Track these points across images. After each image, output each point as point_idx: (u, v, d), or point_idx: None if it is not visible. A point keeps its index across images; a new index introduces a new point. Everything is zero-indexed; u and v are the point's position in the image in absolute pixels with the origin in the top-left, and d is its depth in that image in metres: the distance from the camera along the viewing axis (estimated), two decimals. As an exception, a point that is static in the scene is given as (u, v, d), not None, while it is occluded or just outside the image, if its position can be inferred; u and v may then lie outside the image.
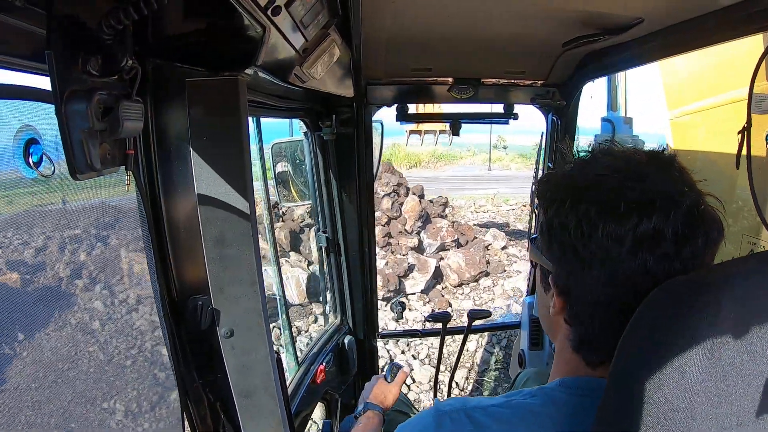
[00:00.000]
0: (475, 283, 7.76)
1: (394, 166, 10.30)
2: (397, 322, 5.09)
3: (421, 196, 9.34)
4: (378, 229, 7.84)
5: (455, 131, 2.35)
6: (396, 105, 2.26)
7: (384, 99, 2.24)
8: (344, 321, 2.56)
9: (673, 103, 3.18)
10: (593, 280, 0.71)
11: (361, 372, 2.56)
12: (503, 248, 9.00)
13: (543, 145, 2.48)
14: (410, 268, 7.64)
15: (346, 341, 2.48)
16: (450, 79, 2.16)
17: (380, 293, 6.62)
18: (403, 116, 2.29)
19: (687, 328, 0.56)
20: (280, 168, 2.44)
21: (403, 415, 1.90)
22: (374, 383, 1.74)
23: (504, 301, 7.14)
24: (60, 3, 0.64)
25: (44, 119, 0.69)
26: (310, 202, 2.49)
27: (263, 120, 2.03)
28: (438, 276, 7.78)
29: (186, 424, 1.17)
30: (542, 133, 2.43)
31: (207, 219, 1.02)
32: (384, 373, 1.79)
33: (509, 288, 7.54)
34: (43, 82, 0.66)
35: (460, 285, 7.70)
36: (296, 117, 2.14)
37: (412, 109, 2.34)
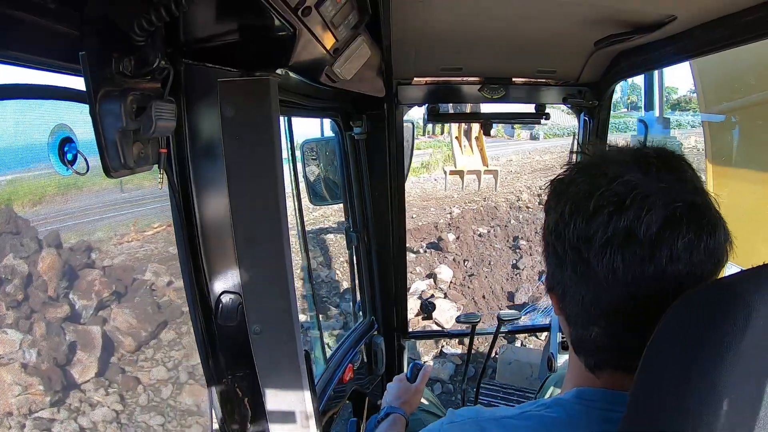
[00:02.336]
0: (156, 341, 6.12)
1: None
2: (425, 319, 5.06)
3: (59, 246, 6.66)
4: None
5: (486, 131, 2.33)
6: (426, 105, 2.25)
7: (415, 99, 2.22)
8: (373, 320, 2.56)
9: (708, 102, 3.05)
10: (570, 280, 0.71)
11: (390, 372, 2.56)
12: (169, 284, 6.93)
13: (574, 147, 2.42)
14: (71, 346, 5.63)
15: (375, 341, 2.48)
16: (481, 79, 2.14)
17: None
18: (433, 116, 2.28)
19: (718, 336, 0.53)
20: (310, 167, 2.46)
21: (431, 415, 1.87)
22: (396, 384, 1.68)
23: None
24: (93, 6, 0.66)
25: (79, 118, 0.71)
26: (341, 201, 2.50)
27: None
28: (109, 346, 5.83)
29: (214, 418, 1.19)
30: (574, 134, 2.39)
31: (238, 217, 1.04)
32: (406, 373, 1.72)
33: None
34: (78, 83, 0.68)
35: (138, 349, 5.94)
36: (327, 117, 2.15)
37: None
